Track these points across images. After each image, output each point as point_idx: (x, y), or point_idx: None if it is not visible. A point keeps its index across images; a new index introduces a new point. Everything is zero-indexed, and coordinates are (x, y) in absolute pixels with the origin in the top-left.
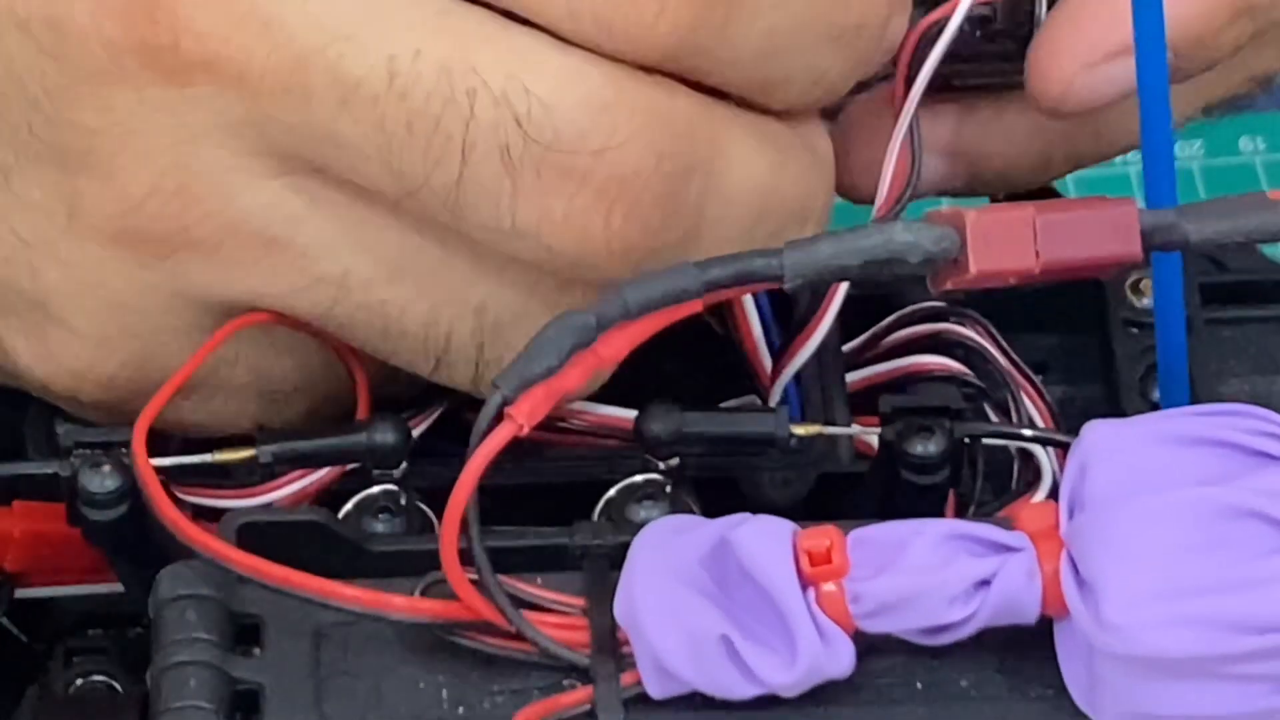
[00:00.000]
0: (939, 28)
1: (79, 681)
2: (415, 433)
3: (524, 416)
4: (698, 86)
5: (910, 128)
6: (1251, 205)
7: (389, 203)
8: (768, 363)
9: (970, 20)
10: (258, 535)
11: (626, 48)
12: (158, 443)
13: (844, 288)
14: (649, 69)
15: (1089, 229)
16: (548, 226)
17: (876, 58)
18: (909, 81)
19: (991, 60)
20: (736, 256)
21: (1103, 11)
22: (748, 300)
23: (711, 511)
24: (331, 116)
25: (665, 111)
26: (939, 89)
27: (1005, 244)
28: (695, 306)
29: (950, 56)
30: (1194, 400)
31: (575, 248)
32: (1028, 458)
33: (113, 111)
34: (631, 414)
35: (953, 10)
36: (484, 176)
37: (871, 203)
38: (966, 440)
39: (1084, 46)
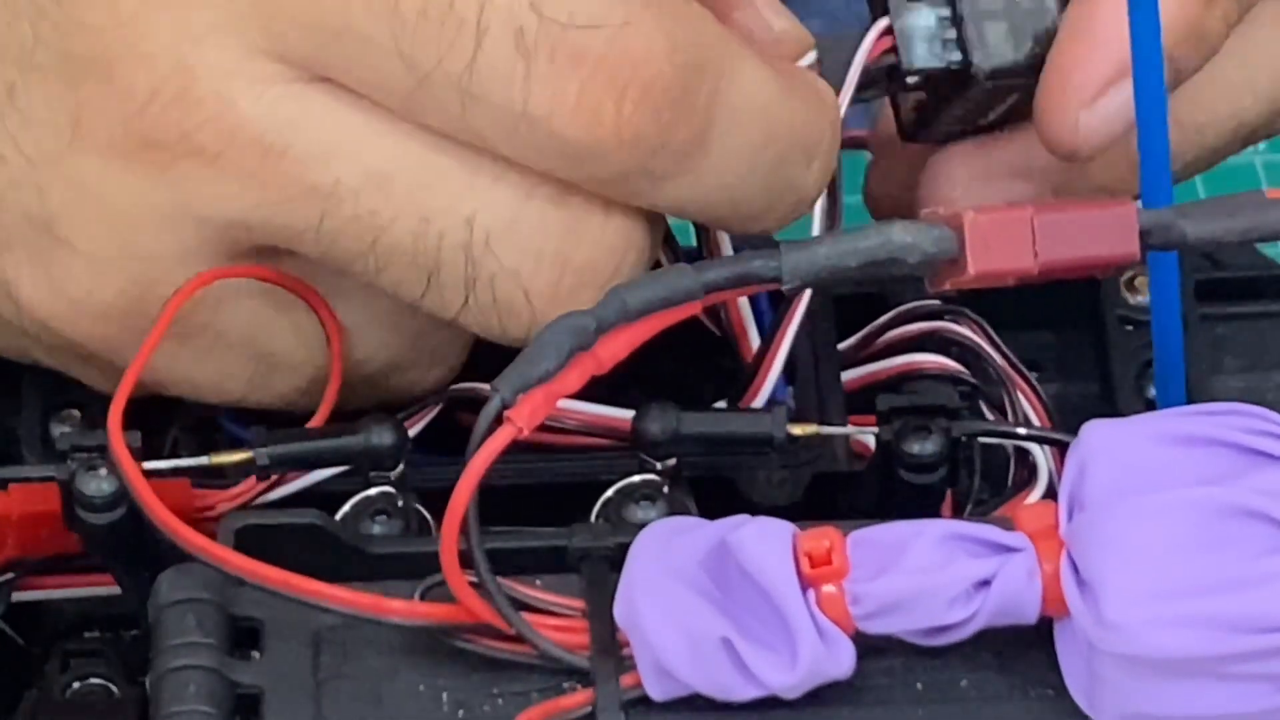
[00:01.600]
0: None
1: (76, 685)
2: (411, 432)
3: (523, 419)
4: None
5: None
6: (1249, 204)
7: (395, 101)
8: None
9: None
10: (256, 538)
11: None
12: (153, 445)
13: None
14: None
15: (1087, 228)
16: (560, 111)
17: None
18: None
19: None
20: (734, 258)
21: (1084, 54)
22: (743, 301)
23: (707, 512)
24: (343, 5)
25: (680, 8)
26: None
27: (1004, 244)
28: (694, 308)
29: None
30: (1189, 398)
31: (586, 134)
32: (1023, 456)
33: (116, 10)
34: (627, 414)
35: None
36: (497, 60)
37: None
38: (964, 439)
39: (1071, 100)
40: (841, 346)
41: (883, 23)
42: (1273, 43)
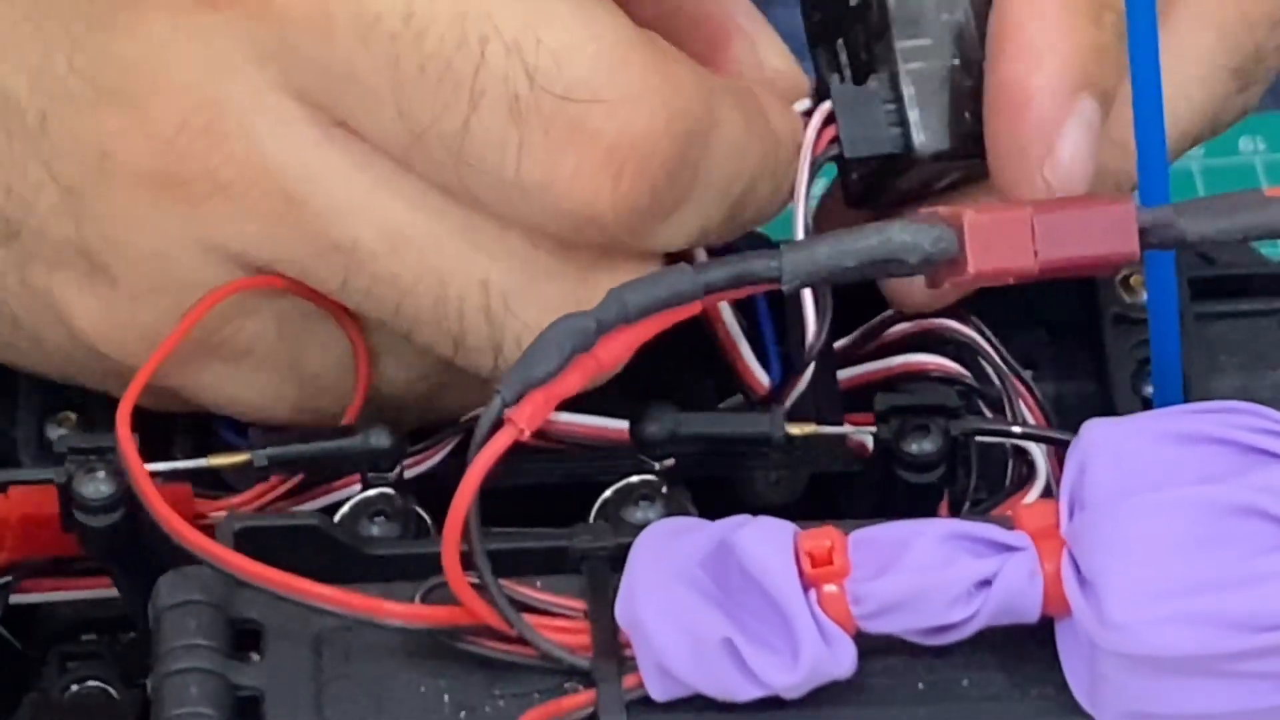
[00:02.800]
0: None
1: (74, 688)
2: (431, 463)
3: (524, 421)
4: None
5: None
6: (1248, 203)
7: (396, 154)
8: (751, 363)
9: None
10: (255, 539)
11: None
12: (157, 447)
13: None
14: None
15: (1086, 227)
16: (556, 184)
17: None
18: None
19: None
20: (735, 258)
21: (1021, 111)
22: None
23: (706, 512)
24: (350, 51)
25: (674, 73)
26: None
27: (1003, 244)
28: (694, 309)
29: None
30: (1186, 396)
31: (582, 207)
32: (1021, 455)
33: (149, 40)
34: (623, 425)
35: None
36: (491, 125)
37: None
38: (961, 439)
39: (1030, 153)
40: (838, 345)
41: (825, 108)
42: (1197, 47)
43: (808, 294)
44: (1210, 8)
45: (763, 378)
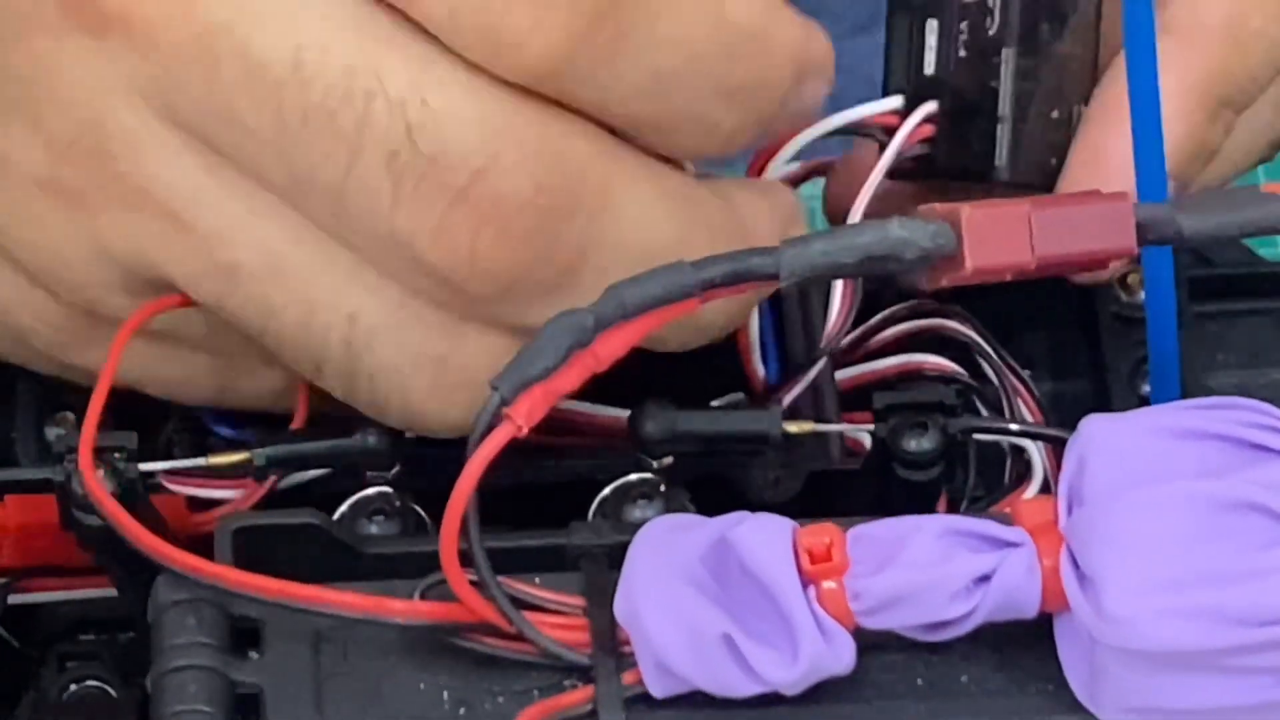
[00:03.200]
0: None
1: (73, 687)
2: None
3: (522, 417)
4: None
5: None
6: (1247, 199)
7: (279, 194)
8: (758, 361)
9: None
10: (252, 539)
11: (508, 63)
12: (154, 445)
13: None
14: (558, 104)
15: (1084, 223)
16: (421, 237)
17: (780, 118)
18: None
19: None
20: (733, 254)
21: (1095, 184)
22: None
23: (705, 510)
24: (233, 95)
25: (557, 148)
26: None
27: (1001, 240)
28: (692, 305)
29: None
30: (1184, 395)
31: (444, 262)
32: (1019, 453)
33: (39, 60)
34: (624, 413)
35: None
36: (368, 178)
37: None
38: (959, 436)
39: None
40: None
41: (929, 108)
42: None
43: (838, 286)
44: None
45: (765, 374)
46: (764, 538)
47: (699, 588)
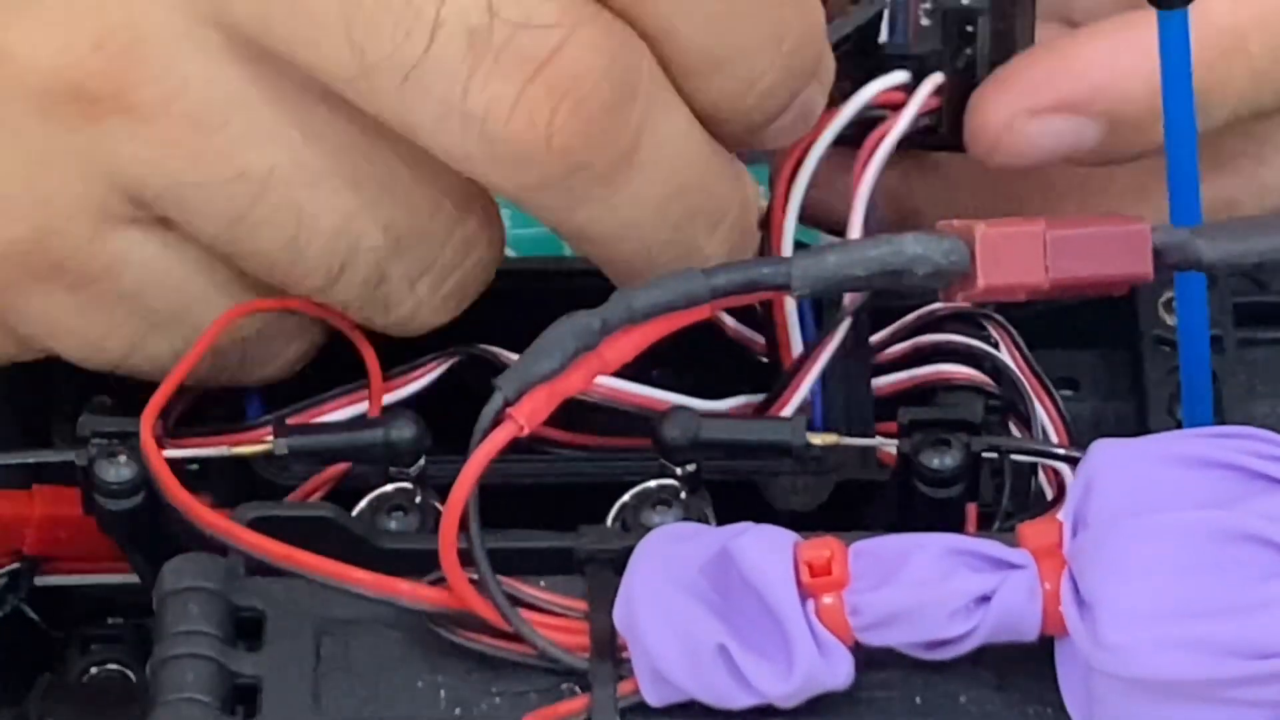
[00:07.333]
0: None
1: (94, 670)
2: (415, 387)
3: (524, 417)
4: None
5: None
6: (1266, 226)
7: (335, 83)
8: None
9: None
10: (269, 529)
11: None
12: (175, 432)
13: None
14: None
15: (1100, 246)
16: (496, 112)
17: (808, 85)
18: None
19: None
20: (744, 264)
21: (1043, 67)
22: (789, 306)
23: (728, 516)
24: None
25: (623, 33)
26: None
27: (1015, 259)
28: (702, 313)
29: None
30: (1220, 420)
31: (517, 138)
32: (1054, 473)
33: None
34: (660, 394)
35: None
36: (447, 56)
37: None
38: (983, 454)
39: (1018, 98)
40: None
41: (935, 79)
42: None
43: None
44: None
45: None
46: (764, 550)
47: (698, 598)
